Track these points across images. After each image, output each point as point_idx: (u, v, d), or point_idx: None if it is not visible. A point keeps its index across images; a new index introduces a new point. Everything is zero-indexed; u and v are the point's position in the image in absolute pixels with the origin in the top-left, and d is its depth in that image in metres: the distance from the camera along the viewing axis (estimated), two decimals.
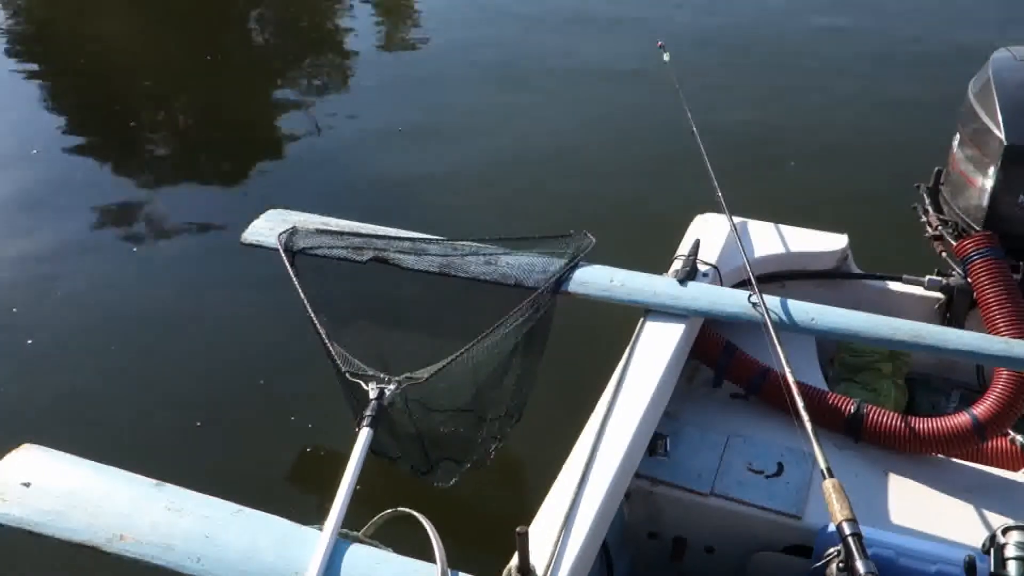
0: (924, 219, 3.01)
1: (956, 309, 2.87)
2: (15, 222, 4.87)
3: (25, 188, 5.21)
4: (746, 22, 7.42)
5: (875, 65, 6.54)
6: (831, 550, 1.61)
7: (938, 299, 2.92)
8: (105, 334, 4.00)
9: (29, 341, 3.94)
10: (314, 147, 5.80)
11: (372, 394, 2.18)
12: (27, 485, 1.89)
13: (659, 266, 2.68)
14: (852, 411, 2.42)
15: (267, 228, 2.94)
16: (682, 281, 2.55)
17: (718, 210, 2.84)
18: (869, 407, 2.43)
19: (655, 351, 2.35)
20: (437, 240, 2.83)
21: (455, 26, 7.71)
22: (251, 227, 2.98)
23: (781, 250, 2.91)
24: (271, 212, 3.07)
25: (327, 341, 2.39)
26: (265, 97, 6.58)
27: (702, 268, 2.67)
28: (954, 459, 2.41)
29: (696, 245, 2.72)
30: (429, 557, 1.69)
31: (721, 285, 2.66)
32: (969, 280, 2.66)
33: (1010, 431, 2.44)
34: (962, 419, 2.36)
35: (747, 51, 6.86)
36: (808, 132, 5.64)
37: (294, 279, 2.62)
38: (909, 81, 6.20)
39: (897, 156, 5.05)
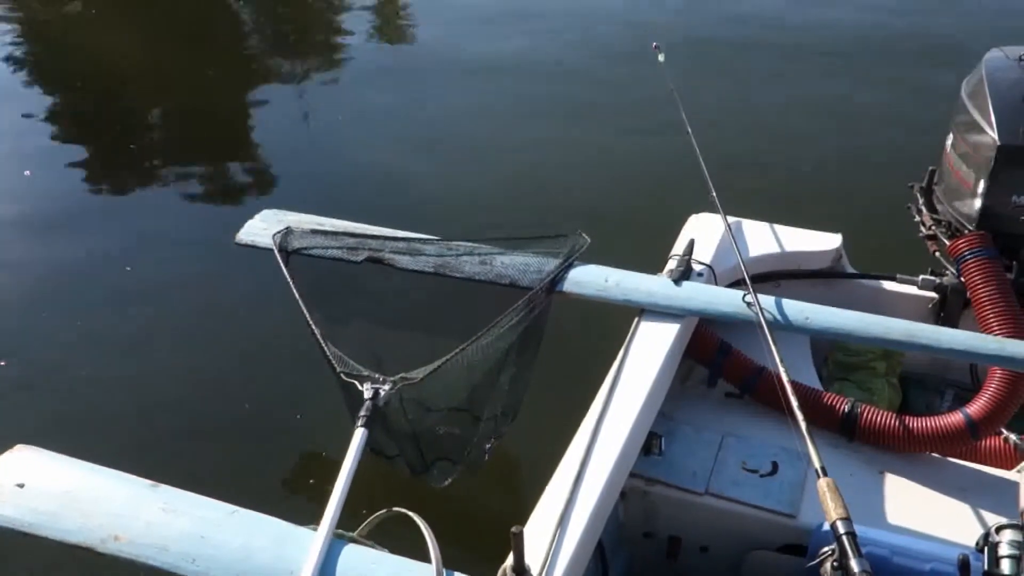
0: (918, 219, 3.02)
1: (950, 308, 2.88)
2: (6, 238, 4.85)
3: (16, 205, 5.19)
4: (740, 22, 7.43)
5: (869, 64, 6.55)
6: (825, 549, 1.62)
7: (932, 298, 2.93)
8: (101, 335, 3.99)
9: (26, 342, 3.93)
10: (310, 149, 5.78)
11: (367, 394, 2.18)
12: (21, 486, 1.88)
13: (654, 266, 2.68)
14: (846, 410, 2.42)
15: (262, 228, 2.94)
16: (677, 281, 2.55)
17: (712, 210, 2.85)
18: (863, 406, 2.44)
19: (650, 351, 2.35)
20: (432, 240, 2.82)
21: (448, 29, 7.72)
22: (246, 227, 2.97)
23: (775, 250, 2.92)
24: (266, 212, 3.06)
25: (322, 341, 2.39)
26: (261, 102, 6.56)
27: (697, 268, 2.67)
28: (948, 458, 2.42)
29: (691, 245, 2.72)
30: (424, 557, 1.69)
31: (716, 285, 2.66)
32: (962, 279, 2.67)
33: (1003, 430, 2.45)
34: (956, 418, 2.37)
35: (741, 51, 6.87)
36: (802, 132, 5.65)
37: (289, 279, 2.61)
38: (903, 81, 6.21)
39: (891, 156, 5.06)
